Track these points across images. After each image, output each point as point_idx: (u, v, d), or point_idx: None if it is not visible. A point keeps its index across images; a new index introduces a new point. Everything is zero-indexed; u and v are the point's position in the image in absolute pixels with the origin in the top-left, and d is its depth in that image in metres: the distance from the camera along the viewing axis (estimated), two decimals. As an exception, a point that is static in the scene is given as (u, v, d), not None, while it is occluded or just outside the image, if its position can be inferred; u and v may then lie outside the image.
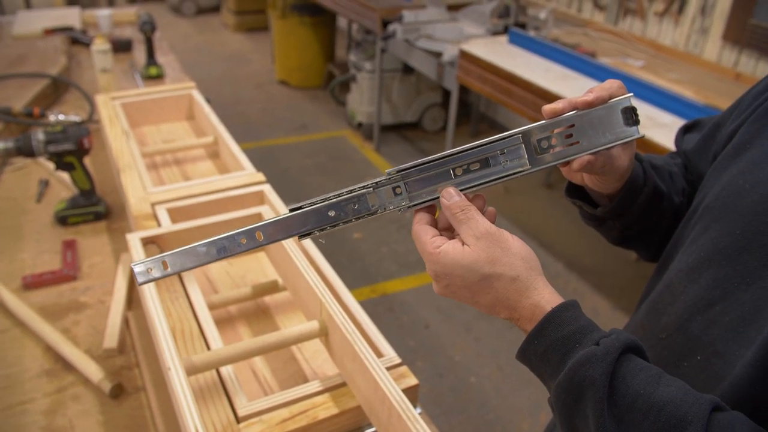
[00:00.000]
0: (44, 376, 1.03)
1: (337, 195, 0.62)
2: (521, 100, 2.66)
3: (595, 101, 0.62)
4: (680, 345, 0.63)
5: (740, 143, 0.66)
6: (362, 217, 0.63)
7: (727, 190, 0.63)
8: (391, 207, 0.63)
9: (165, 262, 0.61)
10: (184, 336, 0.95)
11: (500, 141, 0.62)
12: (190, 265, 0.61)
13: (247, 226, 0.61)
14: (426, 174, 0.62)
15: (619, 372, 0.53)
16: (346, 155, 4.19)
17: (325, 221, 0.62)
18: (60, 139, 1.33)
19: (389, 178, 0.62)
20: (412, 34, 3.42)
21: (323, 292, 0.93)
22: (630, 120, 0.63)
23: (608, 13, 3.38)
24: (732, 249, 0.60)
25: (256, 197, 1.28)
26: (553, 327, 0.56)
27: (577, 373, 0.53)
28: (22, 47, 2.40)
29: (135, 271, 0.61)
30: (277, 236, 0.62)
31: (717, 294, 0.60)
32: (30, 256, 1.31)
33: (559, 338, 0.56)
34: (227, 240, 0.61)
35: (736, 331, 0.57)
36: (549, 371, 0.57)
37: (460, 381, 2.42)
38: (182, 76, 2.30)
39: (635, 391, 0.51)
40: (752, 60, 2.69)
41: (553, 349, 0.56)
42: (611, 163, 0.66)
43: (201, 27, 6.91)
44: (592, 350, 0.53)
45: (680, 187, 0.81)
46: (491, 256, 0.58)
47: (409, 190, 0.62)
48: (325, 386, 0.89)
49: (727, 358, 0.57)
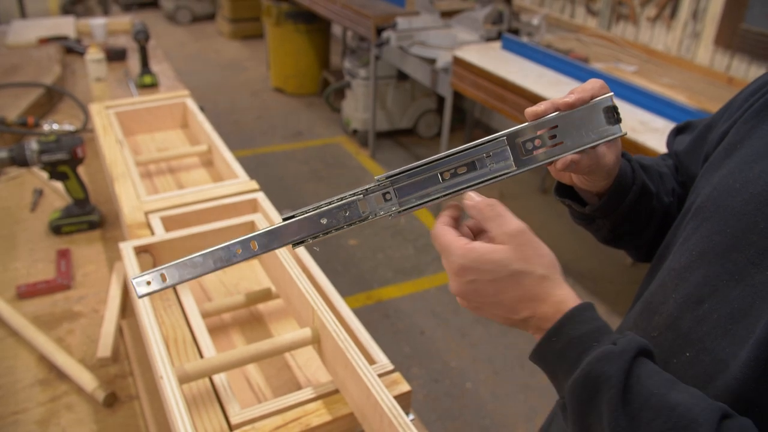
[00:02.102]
0: (38, 385, 1.03)
1: (328, 203, 0.63)
2: (515, 106, 2.68)
3: (576, 102, 0.63)
4: (670, 342, 0.64)
5: (731, 143, 0.67)
6: (354, 224, 0.63)
7: (718, 190, 0.64)
8: (382, 213, 0.63)
9: (164, 275, 0.62)
10: (177, 344, 0.95)
11: (486, 144, 0.63)
12: (189, 276, 0.62)
13: (242, 237, 0.62)
14: (415, 179, 0.63)
15: (635, 371, 0.53)
16: (342, 162, 4.19)
17: (317, 229, 0.63)
18: (54, 149, 1.33)
19: (379, 184, 0.63)
20: (406, 41, 3.44)
21: (315, 299, 0.93)
22: (612, 118, 0.64)
23: (601, 18, 3.40)
24: (721, 247, 0.60)
25: (250, 205, 1.28)
26: (572, 325, 0.57)
27: (593, 369, 0.54)
28: (16, 56, 2.40)
29: (134, 285, 0.61)
30: (271, 245, 0.63)
31: (706, 291, 0.61)
32: (24, 265, 1.32)
33: (578, 336, 0.56)
34: (223, 251, 0.62)
35: (725, 328, 0.58)
36: (564, 369, 0.57)
37: (456, 386, 2.42)
38: (177, 85, 2.31)
39: (649, 391, 0.52)
40: (744, 64, 2.71)
41: (571, 346, 0.57)
42: (597, 162, 0.67)
43: (196, 35, 6.92)
44: (610, 348, 0.54)
45: (670, 187, 0.82)
46: (524, 253, 0.58)
47: (399, 196, 0.63)
48: (318, 393, 0.89)
49: (715, 354, 0.58)
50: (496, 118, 4.43)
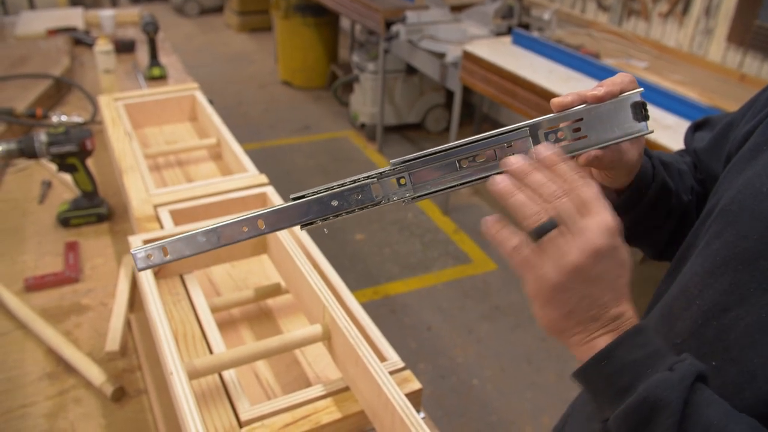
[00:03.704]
0: (46, 379, 1.03)
1: (341, 185, 0.62)
2: (525, 101, 2.66)
3: (605, 96, 0.61)
4: (695, 350, 0.61)
5: (757, 144, 0.65)
6: (365, 208, 0.62)
7: (743, 193, 0.62)
8: (395, 198, 0.62)
9: (165, 248, 0.60)
10: (186, 339, 0.95)
11: (508, 133, 0.61)
12: (189, 252, 0.61)
13: (249, 213, 0.61)
14: (431, 165, 0.62)
15: (693, 399, 0.51)
16: (349, 156, 4.18)
17: (327, 211, 0.61)
18: (62, 141, 1.33)
19: (394, 168, 0.61)
20: (415, 35, 3.42)
21: (326, 295, 0.93)
22: (639, 115, 0.62)
23: (612, 13, 3.37)
24: (749, 254, 0.58)
25: (259, 199, 1.27)
26: (626, 348, 0.54)
27: (651, 394, 0.51)
28: (24, 48, 2.40)
29: (135, 257, 0.60)
30: (279, 225, 0.61)
31: (733, 299, 0.58)
32: (32, 258, 1.31)
33: (632, 361, 0.54)
34: (229, 227, 0.61)
35: (753, 338, 0.56)
36: (614, 393, 0.54)
37: (463, 383, 2.42)
38: (185, 77, 2.30)
39: (708, 421, 0.50)
40: (757, 61, 2.68)
41: (623, 372, 0.54)
42: (620, 158, 0.65)
43: (204, 27, 6.92)
44: (668, 375, 0.52)
45: (689, 185, 0.80)
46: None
47: (413, 182, 0.62)
48: (328, 390, 0.88)
49: (743, 365, 0.56)
50: (504, 113, 4.41)
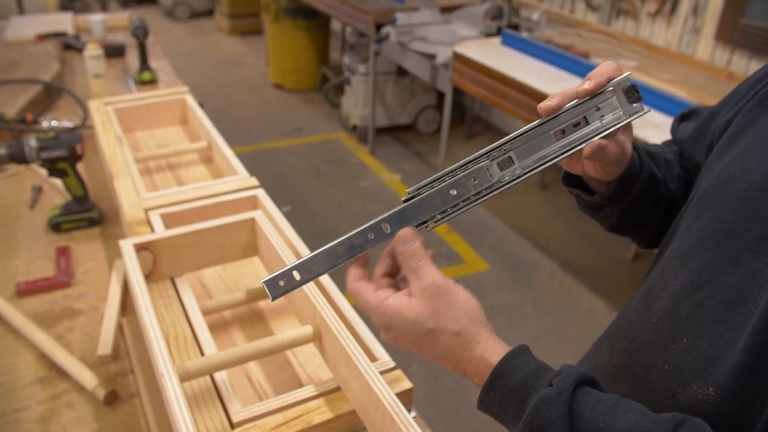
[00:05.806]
0: (38, 383, 1.03)
1: (452, 173, 0.62)
2: (515, 102, 2.67)
3: (594, 89, 0.63)
4: (668, 328, 0.64)
5: (734, 132, 0.67)
6: (482, 196, 0.62)
7: (720, 178, 0.64)
8: (507, 178, 0.63)
9: (295, 273, 0.62)
10: (177, 342, 0.95)
11: (593, 99, 0.63)
12: (321, 270, 0.63)
13: (373, 221, 0.62)
14: (531, 141, 0.63)
15: (577, 408, 0.54)
16: (341, 158, 4.19)
17: (447, 203, 0.62)
18: (52, 146, 1.33)
19: (501, 147, 0.62)
20: (405, 36, 3.43)
21: (316, 296, 0.93)
22: (633, 97, 0.64)
23: (601, 13, 3.39)
24: (720, 234, 0.61)
25: (250, 202, 1.28)
26: (504, 376, 0.57)
27: (536, 417, 0.54)
28: (14, 53, 2.39)
29: (266, 288, 0.62)
30: (403, 226, 0.62)
31: (704, 278, 0.61)
32: (23, 262, 1.31)
33: (513, 386, 0.57)
34: (357, 237, 0.62)
35: (723, 315, 0.58)
36: (510, 419, 0.58)
37: (456, 382, 2.42)
38: (175, 81, 2.30)
39: (595, 425, 0.52)
40: (744, 59, 2.70)
41: (509, 398, 0.57)
42: (622, 151, 0.67)
43: (194, 31, 6.91)
44: (547, 392, 0.54)
45: (676, 173, 0.82)
46: (436, 309, 0.58)
47: (519, 159, 0.63)
48: (319, 391, 0.88)
49: (713, 340, 0.58)
50: (495, 114, 4.42)
